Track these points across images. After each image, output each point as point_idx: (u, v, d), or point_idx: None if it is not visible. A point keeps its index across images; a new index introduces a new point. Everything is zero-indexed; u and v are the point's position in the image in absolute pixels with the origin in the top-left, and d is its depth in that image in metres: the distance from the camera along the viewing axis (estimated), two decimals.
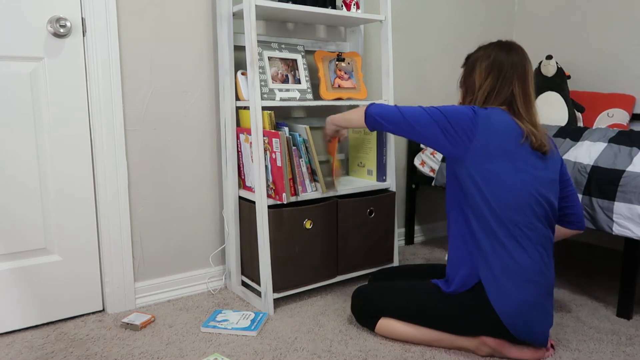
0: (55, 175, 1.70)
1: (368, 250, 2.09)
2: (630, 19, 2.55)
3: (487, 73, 1.53)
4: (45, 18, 1.63)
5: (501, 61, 1.52)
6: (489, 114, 1.46)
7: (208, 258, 2.07)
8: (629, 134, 1.82)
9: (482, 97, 1.53)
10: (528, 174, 1.45)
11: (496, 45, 1.56)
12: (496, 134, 1.44)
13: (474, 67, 1.56)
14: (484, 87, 1.52)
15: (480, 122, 1.45)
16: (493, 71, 1.52)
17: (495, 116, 1.46)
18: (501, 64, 1.52)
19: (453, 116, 1.47)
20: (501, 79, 1.51)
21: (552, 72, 2.44)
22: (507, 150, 1.44)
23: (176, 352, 1.56)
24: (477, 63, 1.55)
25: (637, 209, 1.65)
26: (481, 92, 1.53)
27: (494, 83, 1.51)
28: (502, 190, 1.43)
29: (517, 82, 1.51)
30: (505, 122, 1.46)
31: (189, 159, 1.98)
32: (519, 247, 1.44)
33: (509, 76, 1.51)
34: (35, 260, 1.70)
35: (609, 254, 2.60)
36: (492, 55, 1.53)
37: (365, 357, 1.53)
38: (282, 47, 2.02)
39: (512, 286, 1.43)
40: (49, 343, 1.61)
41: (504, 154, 1.44)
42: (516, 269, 1.43)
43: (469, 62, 1.59)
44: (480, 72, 1.54)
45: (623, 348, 1.60)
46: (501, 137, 1.44)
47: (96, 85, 1.73)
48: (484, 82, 1.53)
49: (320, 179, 1.91)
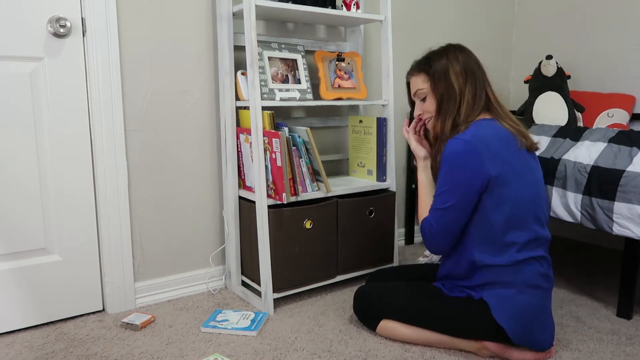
0: (55, 175, 1.70)
1: (368, 250, 2.09)
2: (630, 19, 2.55)
3: (464, 78, 1.48)
4: (45, 18, 1.63)
5: (471, 64, 1.49)
6: (483, 137, 1.40)
7: (208, 258, 2.07)
8: (629, 134, 1.82)
9: (468, 105, 1.46)
10: (532, 183, 1.45)
11: (453, 48, 1.53)
12: (499, 156, 1.40)
13: (445, 72, 1.48)
14: (467, 94, 1.47)
15: (486, 159, 1.38)
16: (469, 75, 1.48)
17: (489, 137, 1.41)
18: (472, 67, 1.49)
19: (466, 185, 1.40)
20: (477, 83, 1.48)
21: (552, 72, 2.44)
22: (512, 166, 1.41)
23: (176, 352, 1.56)
24: (449, 68, 1.48)
25: (637, 209, 1.65)
26: (466, 99, 1.46)
27: (474, 88, 1.48)
28: (511, 206, 1.41)
29: (487, 83, 1.51)
30: (500, 136, 1.42)
31: (189, 159, 1.98)
32: (522, 253, 1.43)
33: (480, 79, 1.49)
34: (35, 260, 1.70)
35: (609, 254, 2.60)
36: (460, 59, 1.49)
37: (365, 357, 1.53)
38: (282, 47, 2.02)
39: (514, 292, 1.43)
40: (49, 343, 1.61)
41: (510, 171, 1.41)
42: (520, 275, 1.43)
43: (436, 68, 1.50)
44: (456, 77, 1.47)
45: (623, 348, 1.60)
46: (504, 157, 1.41)
47: (96, 85, 1.73)
48: (464, 87, 1.47)
49: (324, 179, 1.91)
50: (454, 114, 1.47)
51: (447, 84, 1.48)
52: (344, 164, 2.42)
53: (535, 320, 1.45)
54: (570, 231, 2.86)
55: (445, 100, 1.49)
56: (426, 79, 1.53)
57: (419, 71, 1.56)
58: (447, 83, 1.48)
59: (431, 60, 1.53)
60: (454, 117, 1.48)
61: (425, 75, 1.53)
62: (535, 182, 1.47)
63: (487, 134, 1.42)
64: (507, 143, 1.43)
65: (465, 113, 1.46)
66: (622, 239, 2.51)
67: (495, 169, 1.39)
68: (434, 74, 1.51)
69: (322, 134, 2.33)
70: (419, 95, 1.57)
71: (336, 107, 2.36)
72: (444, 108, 1.49)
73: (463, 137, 1.40)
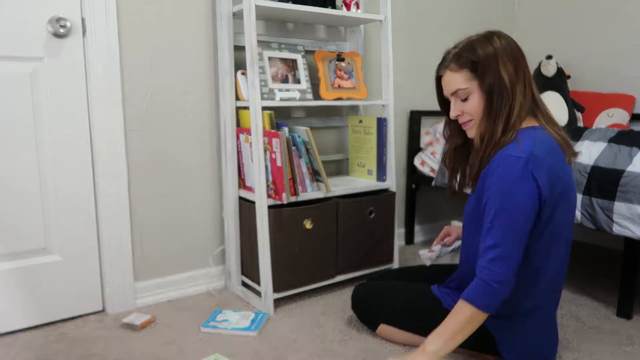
0: (55, 175, 1.70)
1: (368, 250, 2.09)
2: (630, 19, 2.55)
3: (514, 69, 1.24)
4: (45, 18, 1.63)
5: (517, 51, 1.27)
6: (536, 154, 1.20)
7: (208, 258, 2.07)
8: (629, 134, 1.82)
9: (520, 103, 1.25)
10: (570, 205, 1.31)
11: (497, 36, 1.30)
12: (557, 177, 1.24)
13: (495, 63, 1.25)
14: (519, 88, 1.25)
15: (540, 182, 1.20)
16: (518, 66, 1.26)
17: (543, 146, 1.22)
18: (518, 56, 1.27)
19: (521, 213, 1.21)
20: (527, 77, 1.26)
21: (552, 72, 2.44)
22: (563, 186, 1.25)
23: (176, 352, 1.56)
24: (497, 58, 1.25)
25: (637, 209, 1.65)
26: (518, 95, 1.25)
27: (523, 84, 1.26)
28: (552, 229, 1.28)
29: (529, 74, 1.29)
30: (555, 152, 1.24)
31: (189, 159, 1.98)
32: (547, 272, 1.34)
33: (527, 72, 1.27)
34: (35, 260, 1.70)
35: (609, 254, 2.60)
36: (508, 48, 1.26)
37: (365, 357, 1.53)
38: (282, 47, 2.02)
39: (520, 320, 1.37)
40: (49, 343, 1.61)
41: (562, 192, 1.26)
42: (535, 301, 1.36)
43: (483, 59, 1.26)
44: (507, 71, 1.24)
45: (623, 348, 1.60)
46: (561, 177, 1.25)
47: (96, 85, 1.73)
48: (516, 83, 1.25)
49: (324, 179, 1.91)
50: (506, 115, 1.26)
51: (497, 79, 1.25)
52: (344, 164, 2.42)
53: (541, 344, 1.41)
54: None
55: (496, 99, 1.26)
56: (469, 75, 1.29)
57: (459, 65, 1.30)
58: (498, 78, 1.25)
59: (475, 50, 1.28)
60: (505, 118, 1.26)
61: (469, 71, 1.29)
62: (574, 202, 1.32)
63: (543, 148, 1.23)
64: (561, 159, 1.27)
65: (516, 114, 1.25)
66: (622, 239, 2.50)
67: (554, 190, 1.23)
68: (481, 66, 1.26)
69: (322, 134, 2.33)
70: (459, 95, 1.32)
71: (336, 107, 2.36)
72: (494, 108, 1.26)
73: (518, 155, 1.20)
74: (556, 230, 1.30)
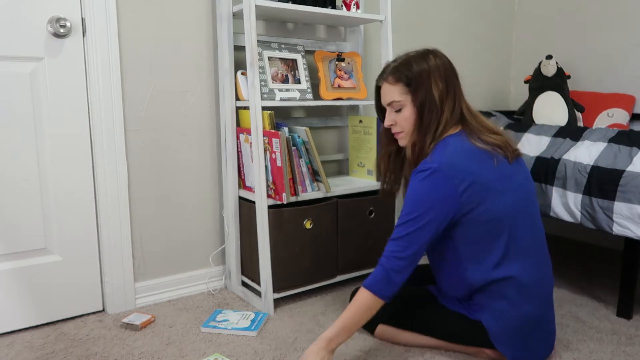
0: (55, 175, 1.70)
1: (368, 250, 2.09)
2: (630, 19, 2.55)
3: (445, 89, 1.36)
4: (45, 18, 1.63)
5: (450, 73, 1.38)
6: (447, 162, 1.31)
7: (208, 258, 2.07)
8: (629, 133, 1.82)
9: (446, 119, 1.36)
10: (508, 194, 1.36)
11: (432, 55, 1.41)
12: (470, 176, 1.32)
13: (427, 80, 1.36)
14: (447, 107, 1.37)
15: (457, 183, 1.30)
16: (449, 86, 1.37)
17: (455, 153, 1.32)
18: (452, 77, 1.38)
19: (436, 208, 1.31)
20: (455, 95, 1.38)
21: (552, 72, 2.44)
22: (486, 185, 1.33)
23: (176, 352, 1.56)
24: (430, 75, 1.37)
25: (637, 208, 1.65)
26: (446, 111, 1.36)
27: (452, 101, 1.37)
28: (486, 224, 1.34)
29: (462, 93, 1.40)
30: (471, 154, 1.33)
31: (189, 159, 1.98)
32: (510, 265, 1.38)
33: (458, 90, 1.39)
34: (35, 260, 1.70)
35: (609, 254, 2.60)
36: (441, 67, 1.38)
37: (365, 357, 1.53)
38: (282, 47, 2.02)
39: (507, 306, 1.39)
40: (49, 343, 1.61)
41: (484, 190, 1.33)
42: (510, 288, 1.38)
43: (416, 76, 1.38)
44: (437, 89, 1.36)
45: (623, 348, 1.60)
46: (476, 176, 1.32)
47: (96, 85, 1.73)
48: (445, 100, 1.37)
49: (323, 179, 1.91)
50: (434, 129, 1.37)
51: (428, 96, 1.37)
52: (344, 164, 2.42)
53: (534, 336, 1.42)
54: (570, 231, 2.86)
55: (426, 113, 1.37)
56: (404, 89, 1.40)
57: (396, 79, 1.41)
58: (429, 95, 1.37)
59: (411, 67, 1.40)
60: (433, 132, 1.37)
61: (403, 86, 1.40)
62: (513, 193, 1.37)
63: (455, 155, 1.33)
64: (483, 159, 1.35)
65: (442, 128, 1.37)
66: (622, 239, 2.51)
67: (467, 192, 1.31)
68: (415, 83, 1.38)
69: (322, 134, 2.33)
70: (393, 106, 1.44)
71: (336, 107, 2.36)
72: (425, 122, 1.38)
73: (429, 166, 1.31)
74: (498, 221, 1.34)
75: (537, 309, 1.41)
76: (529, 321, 1.40)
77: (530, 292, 1.40)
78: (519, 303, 1.39)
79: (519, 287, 1.38)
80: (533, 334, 1.42)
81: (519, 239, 1.38)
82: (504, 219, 1.35)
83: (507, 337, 1.41)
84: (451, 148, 1.34)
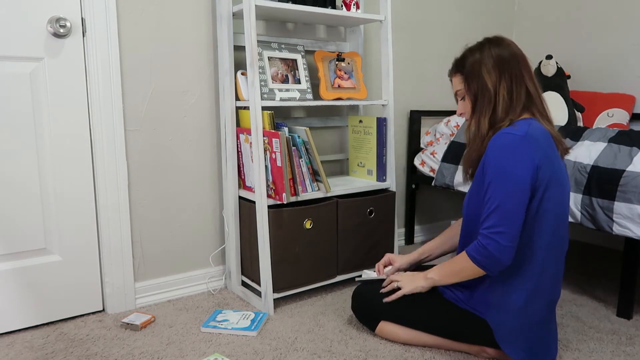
0: (55, 175, 1.70)
1: (368, 250, 2.09)
2: (630, 19, 2.55)
3: (497, 74, 1.40)
4: (45, 18, 1.63)
5: (505, 57, 1.40)
6: (534, 135, 1.32)
7: (208, 258, 2.07)
8: (629, 133, 1.82)
9: (505, 103, 1.39)
10: (565, 189, 1.39)
11: (489, 42, 1.45)
12: (545, 159, 1.33)
13: (478, 70, 1.42)
14: (501, 91, 1.39)
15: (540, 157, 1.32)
16: (502, 71, 1.40)
17: (539, 136, 1.34)
18: (507, 61, 1.40)
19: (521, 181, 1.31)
20: (514, 79, 1.40)
21: (552, 72, 2.44)
22: (554, 171, 1.35)
23: (176, 352, 1.56)
24: (482, 65, 1.41)
25: (637, 208, 1.65)
26: (501, 97, 1.39)
27: (509, 84, 1.39)
28: (549, 217, 1.36)
29: (527, 77, 1.41)
30: (547, 138, 1.36)
31: (189, 159, 1.98)
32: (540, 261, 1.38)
33: (518, 74, 1.40)
34: (35, 260, 1.70)
35: (609, 254, 2.60)
36: (493, 53, 1.41)
37: (365, 357, 1.53)
38: (282, 47, 2.02)
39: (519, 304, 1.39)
40: (49, 343, 1.61)
41: (555, 178, 1.35)
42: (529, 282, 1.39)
43: (468, 67, 1.44)
44: (489, 75, 1.40)
45: (623, 348, 1.60)
46: (548, 160, 1.34)
47: (96, 85, 1.73)
48: (499, 84, 1.39)
49: (323, 179, 1.91)
50: (489, 114, 1.41)
51: (480, 82, 1.42)
52: (344, 164, 2.42)
53: (540, 337, 1.42)
54: (570, 231, 2.86)
55: (479, 100, 1.43)
56: (462, 79, 1.47)
57: (455, 71, 1.50)
58: (480, 82, 1.41)
59: (465, 58, 1.47)
60: (489, 116, 1.41)
61: (461, 76, 1.48)
62: (564, 194, 1.40)
63: (537, 133, 1.34)
64: (553, 147, 1.38)
65: (502, 111, 1.40)
66: (622, 239, 2.51)
67: (546, 171, 1.33)
68: (467, 73, 1.45)
69: (322, 134, 2.33)
70: (459, 95, 1.51)
71: (336, 107, 2.36)
72: (478, 108, 1.43)
73: (514, 132, 1.33)
74: (547, 218, 1.36)
75: (546, 311, 1.42)
76: (537, 322, 1.40)
77: (545, 294, 1.40)
78: (531, 301, 1.39)
79: (536, 284, 1.39)
80: (540, 335, 1.42)
81: (556, 239, 1.39)
82: (558, 214, 1.37)
83: (513, 336, 1.41)
84: (533, 126, 1.36)
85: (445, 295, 1.53)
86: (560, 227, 1.40)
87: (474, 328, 1.46)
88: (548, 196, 1.34)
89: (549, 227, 1.37)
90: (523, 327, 1.40)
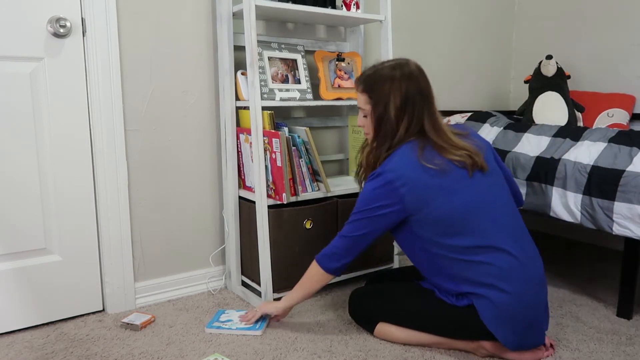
0: (55, 175, 1.70)
1: (368, 250, 2.08)
2: (630, 19, 2.55)
3: (402, 112, 1.47)
4: (45, 18, 1.63)
5: (411, 95, 1.47)
6: (395, 169, 1.44)
7: (208, 258, 2.07)
8: (629, 133, 1.82)
9: (400, 136, 1.48)
10: (457, 195, 1.44)
11: (401, 74, 1.48)
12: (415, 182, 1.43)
13: (386, 102, 1.48)
14: (402, 126, 1.48)
15: (404, 192, 1.43)
16: (406, 110, 1.48)
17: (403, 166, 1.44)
18: (412, 100, 1.47)
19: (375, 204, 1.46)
20: (414, 118, 1.48)
21: (552, 72, 2.44)
22: (428, 188, 1.43)
23: (176, 352, 1.56)
24: (390, 98, 1.47)
25: (637, 208, 1.65)
26: (401, 129, 1.48)
27: (409, 121, 1.48)
28: (438, 223, 1.44)
29: (427, 114, 1.49)
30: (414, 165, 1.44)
31: (189, 159, 1.98)
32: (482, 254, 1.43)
33: (419, 114, 1.48)
34: (35, 260, 1.70)
35: (609, 254, 2.60)
36: (402, 88, 1.47)
37: (365, 357, 1.53)
38: (282, 47, 2.02)
39: (492, 292, 1.42)
40: (49, 343, 1.61)
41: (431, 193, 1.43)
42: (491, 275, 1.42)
43: (376, 95, 1.50)
44: (394, 111, 1.47)
45: (623, 348, 1.60)
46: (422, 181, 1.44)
47: (96, 85, 1.73)
48: (400, 121, 1.48)
49: (323, 179, 1.91)
50: (388, 144, 1.51)
51: (385, 113, 1.49)
52: (344, 164, 2.42)
53: (528, 320, 1.43)
54: (570, 231, 2.86)
55: (382, 127, 1.51)
56: (368, 100, 1.53)
57: (363, 90, 1.55)
58: (386, 114, 1.49)
59: (376, 80, 1.51)
60: (389, 143, 1.50)
61: (368, 97, 1.53)
62: (472, 192, 1.45)
63: (400, 162, 1.45)
64: (422, 169, 1.44)
65: (398, 140, 1.49)
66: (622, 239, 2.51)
67: (408, 195, 1.42)
68: (375, 100, 1.51)
69: (322, 134, 2.33)
70: (362, 111, 1.58)
71: (336, 107, 2.36)
72: (380, 134, 1.52)
73: (382, 170, 1.45)
74: (449, 219, 1.43)
75: (525, 293, 1.42)
76: (519, 305, 1.41)
77: (512, 276, 1.41)
78: (504, 288, 1.40)
79: (498, 272, 1.41)
80: (526, 318, 1.42)
81: (484, 231, 1.44)
82: (454, 218, 1.43)
83: (499, 320, 1.42)
84: (397, 157, 1.47)
85: (437, 294, 1.54)
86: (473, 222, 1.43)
87: (467, 320, 1.47)
88: (431, 205, 1.43)
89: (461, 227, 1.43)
90: (507, 311, 1.41)
